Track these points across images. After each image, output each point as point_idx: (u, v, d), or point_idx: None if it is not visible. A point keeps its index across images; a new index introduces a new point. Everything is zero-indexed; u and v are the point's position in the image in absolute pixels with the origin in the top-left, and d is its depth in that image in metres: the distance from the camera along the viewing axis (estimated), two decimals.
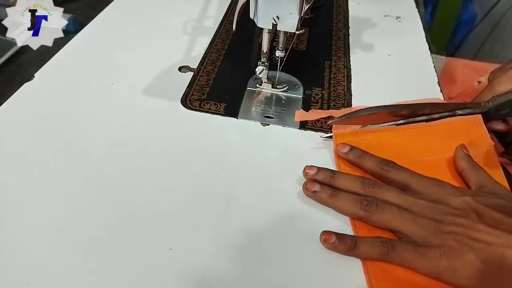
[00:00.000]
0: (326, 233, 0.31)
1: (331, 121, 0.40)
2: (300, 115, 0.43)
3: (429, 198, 0.33)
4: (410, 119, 0.41)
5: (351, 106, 0.46)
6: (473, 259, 0.28)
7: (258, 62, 0.45)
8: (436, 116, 0.40)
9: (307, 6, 0.39)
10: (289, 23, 0.40)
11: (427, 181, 0.34)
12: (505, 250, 0.28)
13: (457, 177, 0.37)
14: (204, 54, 0.53)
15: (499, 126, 0.41)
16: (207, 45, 0.55)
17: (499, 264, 0.28)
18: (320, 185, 0.35)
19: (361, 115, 0.40)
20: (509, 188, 0.35)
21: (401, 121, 0.41)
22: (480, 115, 0.40)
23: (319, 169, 0.36)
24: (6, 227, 0.32)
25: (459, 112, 0.40)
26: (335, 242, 0.30)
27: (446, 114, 0.40)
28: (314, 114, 0.43)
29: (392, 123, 0.41)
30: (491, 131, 0.41)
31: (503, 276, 0.28)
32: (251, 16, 0.41)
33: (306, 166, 0.37)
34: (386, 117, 0.40)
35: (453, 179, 0.37)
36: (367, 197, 0.33)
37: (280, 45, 0.43)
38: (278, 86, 0.47)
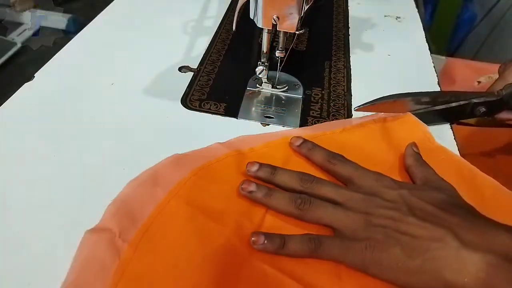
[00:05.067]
0: (255, 234, 0.30)
1: (357, 107, 0.41)
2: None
3: (365, 191, 0.32)
4: (430, 107, 0.42)
5: (351, 106, 0.46)
6: (398, 252, 0.28)
7: (258, 62, 0.45)
8: (453, 104, 0.42)
9: (307, 6, 0.39)
10: (289, 23, 0.40)
11: (368, 174, 0.34)
12: (430, 243, 0.28)
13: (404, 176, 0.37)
14: (204, 54, 0.53)
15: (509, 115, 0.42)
16: (207, 45, 0.55)
17: (424, 258, 0.27)
18: (256, 184, 0.34)
19: (386, 102, 0.41)
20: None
21: (421, 110, 0.42)
22: (410, 114, 0.42)
23: (261, 165, 0.35)
24: (6, 227, 0.32)
25: (475, 100, 0.41)
26: (264, 242, 0.30)
27: (462, 102, 0.42)
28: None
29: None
30: (503, 120, 0.43)
31: (427, 270, 0.27)
32: (251, 16, 0.41)
33: (248, 162, 0.36)
34: (408, 104, 0.42)
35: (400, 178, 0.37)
36: (302, 194, 0.33)
37: (280, 45, 0.43)
38: (278, 86, 0.47)
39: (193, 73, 0.50)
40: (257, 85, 0.48)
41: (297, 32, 0.40)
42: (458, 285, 0.26)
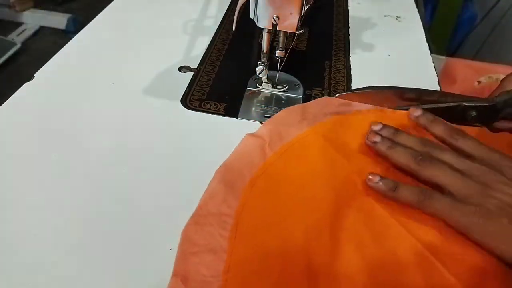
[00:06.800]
0: (371, 174, 0.33)
1: (338, 94, 0.42)
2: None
3: (487, 164, 0.32)
4: (417, 105, 0.41)
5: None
6: (506, 223, 0.28)
7: (258, 62, 0.45)
8: (442, 105, 0.41)
9: (307, 6, 0.39)
10: (289, 23, 0.40)
11: (492, 151, 0.33)
12: None
13: None
14: (204, 54, 0.53)
15: (508, 124, 0.41)
16: (207, 45, 0.55)
17: None
18: (382, 137, 0.36)
19: (368, 92, 0.42)
20: None
21: (407, 107, 0.41)
22: None
23: (384, 125, 0.37)
24: (6, 227, 0.32)
25: (465, 103, 0.40)
26: (378, 182, 0.32)
27: (452, 104, 0.41)
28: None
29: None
30: (502, 130, 0.41)
31: None
32: (251, 16, 0.41)
33: (372, 121, 0.38)
34: (391, 98, 0.42)
35: None
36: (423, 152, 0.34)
37: (280, 45, 0.43)
38: (278, 86, 0.47)
39: (193, 73, 0.50)
40: (257, 85, 0.48)
41: (297, 32, 0.40)
42: None
